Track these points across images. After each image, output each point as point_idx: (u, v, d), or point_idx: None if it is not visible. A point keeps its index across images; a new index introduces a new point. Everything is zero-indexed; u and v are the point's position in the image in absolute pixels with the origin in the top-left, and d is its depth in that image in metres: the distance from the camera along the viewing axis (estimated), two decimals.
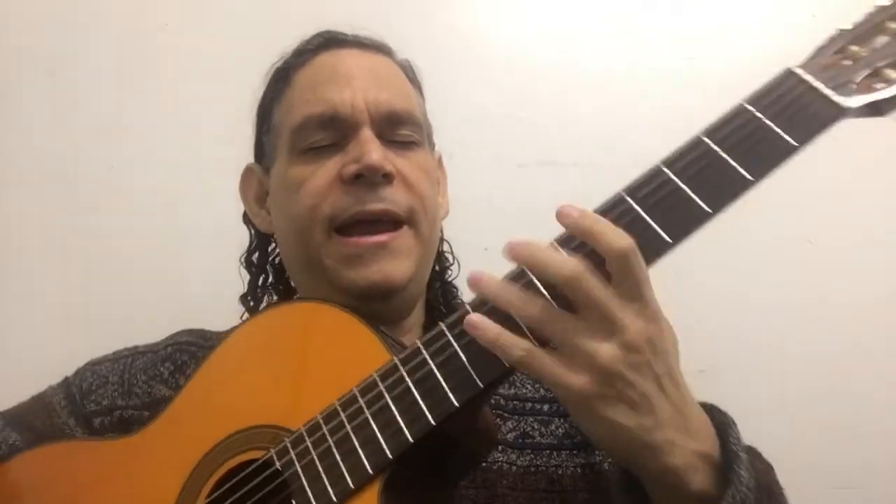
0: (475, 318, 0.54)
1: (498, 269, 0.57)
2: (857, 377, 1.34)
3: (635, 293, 0.52)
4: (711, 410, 0.59)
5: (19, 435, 0.78)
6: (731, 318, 1.34)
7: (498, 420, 0.77)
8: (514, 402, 0.79)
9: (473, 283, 0.56)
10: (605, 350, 0.51)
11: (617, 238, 0.52)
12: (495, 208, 1.36)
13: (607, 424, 0.52)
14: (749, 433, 0.55)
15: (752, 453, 0.63)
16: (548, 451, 0.76)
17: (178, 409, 0.69)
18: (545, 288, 0.54)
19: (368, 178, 0.74)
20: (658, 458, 0.53)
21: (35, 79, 1.38)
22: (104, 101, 1.38)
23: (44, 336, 1.30)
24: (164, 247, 1.32)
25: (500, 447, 0.75)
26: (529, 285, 0.54)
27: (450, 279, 0.93)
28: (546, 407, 0.79)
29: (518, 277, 0.55)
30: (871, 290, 1.36)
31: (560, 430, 0.78)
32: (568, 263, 0.52)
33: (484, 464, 0.72)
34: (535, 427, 0.77)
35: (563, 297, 0.52)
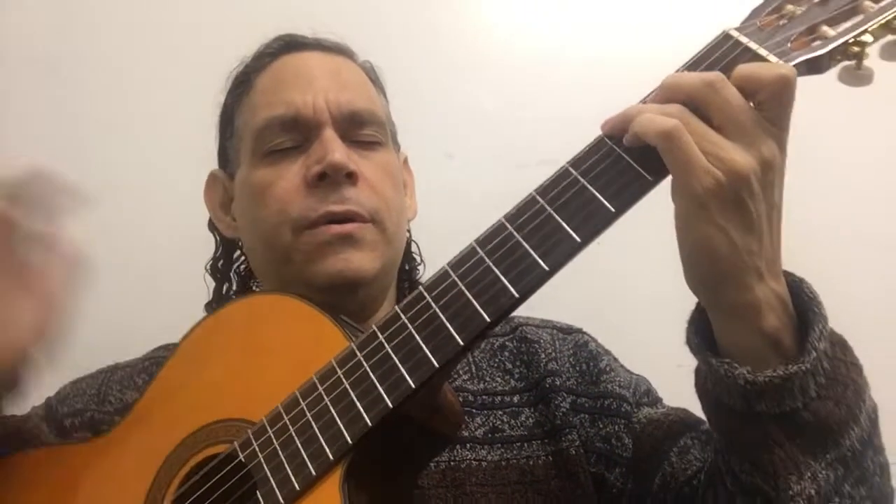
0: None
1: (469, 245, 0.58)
2: None
3: (781, 120, 0.52)
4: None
5: None
6: None
7: (466, 417, 0.76)
8: (483, 397, 0.79)
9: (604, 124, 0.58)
10: (743, 156, 0.51)
11: (776, 66, 0.52)
12: (495, 208, 1.36)
13: (715, 232, 0.52)
14: None
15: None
16: (518, 444, 0.75)
17: (145, 408, 0.69)
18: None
19: (332, 178, 0.74)
20: (744, 285, 0.53)
21: (34, 78, 1.38)
22: (103, 101, 1.38)
23: None
24: (165, 246, 1.32)
25: (468, 445, 0.75)
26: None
27: (418, 279, 0.94)
28: (516, 398, 0.79)
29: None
30: (870, 290, 1.36)
31: (530, 420, 0.77)
32: (706, 74, 0.53)
33: (452, 463, 0.73)
34: (505, 420, 0.77)
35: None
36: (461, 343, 0.54)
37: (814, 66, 0.56)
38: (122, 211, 1.35)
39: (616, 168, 0.56)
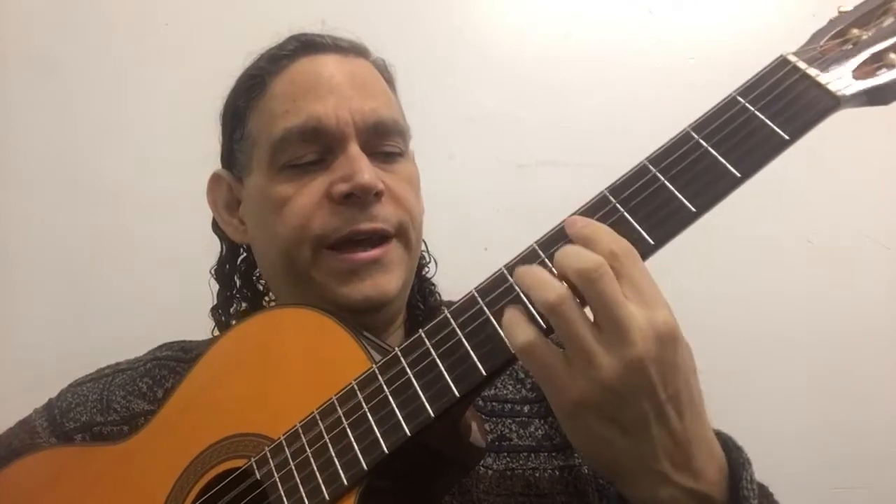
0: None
1: (497, 268, 0.57)
2: (856, 377, 1.34)
3: (651, 300, 0.49)
4: (726, 446, 0.55)
5: None
6: (731, 318, 1.34)
7: None
8: (493, 404, 0.77)
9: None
10: (608, 363, 0.48)
11: (613, 241, 0.50)
12: (495, 208, 1.36)
13: (595, 440, 0.50)
14: (749, 433, 0.55)
15: (765, 496, 0.60)
16: (525, 454, 0.73)
17: (166, 417, 0.69)
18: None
19: (359, 198, 0.72)
20: (642, 487, 0.51)
21: (35, 79, 1.38)
22: (103, 101, 1.38)
23: (43, 335, 1.30)
24: (164, 247, 1.32)
25: None
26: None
27: (426, 275, 0.92)
28: (526, 408, 0.77)
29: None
30: (870, 290, 1.36)
31: (539, 431, 0.75)
32: (582, 263, 0.49)
33: None
34: (513, 429, 0.75)
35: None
36: (484, 373, 0.52)
37: (879, 96, 0.50)
38: (121, 211, 1.35)
39: (700, 166, 0.53)
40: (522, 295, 0.53)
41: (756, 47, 1.38)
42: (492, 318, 0.53)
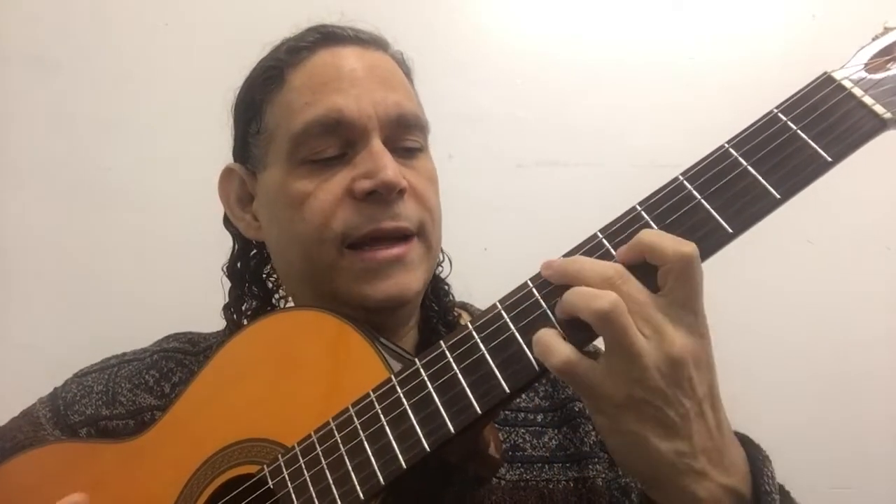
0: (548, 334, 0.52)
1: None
2: (856, 377, 1.34)
3: (690, 303, 0.49)
4: (745, 443, 0.56)
5: None
6: (730, 317, 1.33)
7: None
8: (506, 413, 0.76)
9: (545, 266, 0.54)
10: (653, 364, 0.48)
11: (678, 243, 0.49)
12: (495, 208, 1.37)
13: (636, 442, 0.50)
14: (748, 432, 0.55)
15: (784, 494, 0.60)
16: (539, 465, 0.72)
17: (176, 417, 0.68)
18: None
19: (382, 195, 0.69)
20: (683, 487, 0.51)
21: (35, 79, 1.38)
22: (103, 101, 1.38)
23: (42, 335, 1.30)
24: (163, 247, 1.33)
25: None
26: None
27: (439, 274, 0.89)
28: (539, 417, 0.76)
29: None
30: (870, 290, 1.36)
31: (553, 441, 0.74)
32: (604, 269, 0.50)
33: None
34: (527, 439, 0.74)
35: None
36: (508, 392, 0.52)
37: None
38: (121, 210, 1.36)
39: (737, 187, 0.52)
40: (549, 311, 0.52)
41: (756, 47, 1.39)
42: (517, 335, 0.52)
